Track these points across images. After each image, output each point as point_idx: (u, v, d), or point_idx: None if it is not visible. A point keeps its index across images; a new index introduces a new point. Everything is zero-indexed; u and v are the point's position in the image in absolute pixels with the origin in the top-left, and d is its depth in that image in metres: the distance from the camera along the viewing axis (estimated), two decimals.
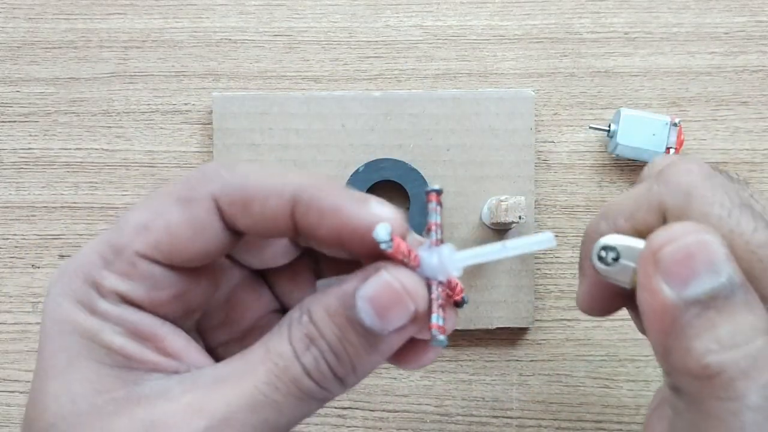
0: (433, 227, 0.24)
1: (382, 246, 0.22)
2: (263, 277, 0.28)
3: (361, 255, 0.24)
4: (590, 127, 0.44)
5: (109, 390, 0.23)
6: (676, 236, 0.22)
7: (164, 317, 0.24)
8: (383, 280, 0.22)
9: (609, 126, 0.43)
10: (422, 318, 0.23)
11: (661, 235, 0.22)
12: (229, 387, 0.22)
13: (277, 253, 0.26)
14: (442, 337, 0.22)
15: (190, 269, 0.24)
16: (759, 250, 0.23)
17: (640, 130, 0.43)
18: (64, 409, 0.22)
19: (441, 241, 0.24)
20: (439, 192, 0.24)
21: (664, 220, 0.25)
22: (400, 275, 0.22)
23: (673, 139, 0.43)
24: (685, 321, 0.22)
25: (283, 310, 0.28)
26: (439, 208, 0.24)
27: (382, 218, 0.22)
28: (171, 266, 0.24)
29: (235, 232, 0.24)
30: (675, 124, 0.43)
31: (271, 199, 0.23)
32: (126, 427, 0.22)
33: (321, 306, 0.23)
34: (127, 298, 0.23)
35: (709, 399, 0.21)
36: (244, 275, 0.27)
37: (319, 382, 0.23)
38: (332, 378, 0.23)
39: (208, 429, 0.22)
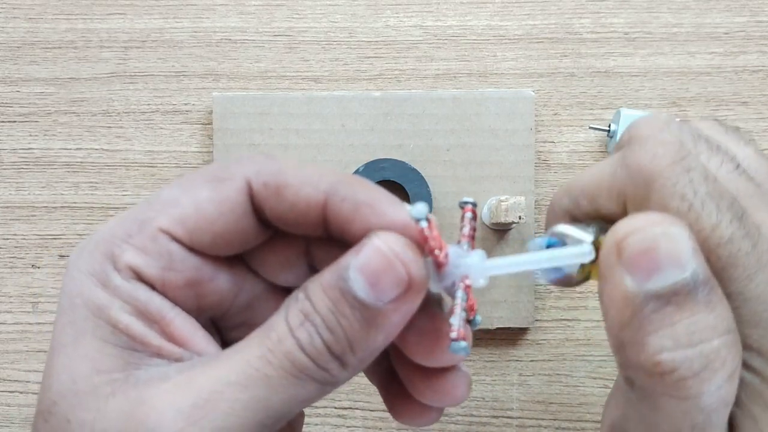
0: (464, 239, 0.23)
1: (421, 224, 0.21)
2: (288, 293, 0.27)
3: None
4: (590, 127, 0.44)
5: (109, 370, 0.22)
6: (641, 227, 0.21)
7: (173, 302, 0.23)
8: (373, 246, 0.21)
9: (609, 126, 0.43)
10: (418, 287, 0.22)
11: (625, 224, 0.21)
12: (221, 364, 0.22)
13: (295, 272, 0.26)
14: (464, 343, 0.21)
15: (211, 257, 0.24)
16: (718, 249, 0.21)
17: None
18: (64, 387, 0.22)
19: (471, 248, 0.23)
20: (474, 204, 0.23)
21: (625, 207, 0.23)
22: (391, 240, 0.21)
23: None
24: (643, 315, 0.21)
25: None
26: (473, 222, 0.23)
27: (416, 221, 0.22)
28: (193, 249, 0.23)
29: (263, 224, 0.23)
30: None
31: (306, 187, 0.22)
32: (117, 409, 0.21)
33: (317, 282, 0.22)
34: (142, 275, 0.23)
35: (660, 396, 0.21)
36: (266, 287, 0.26)
37: (314, 359, 0.22)
38: (328, 355, 0.22)
39: (194, 407, 0.21)
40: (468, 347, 0.21)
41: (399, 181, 0.43)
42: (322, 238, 0.24)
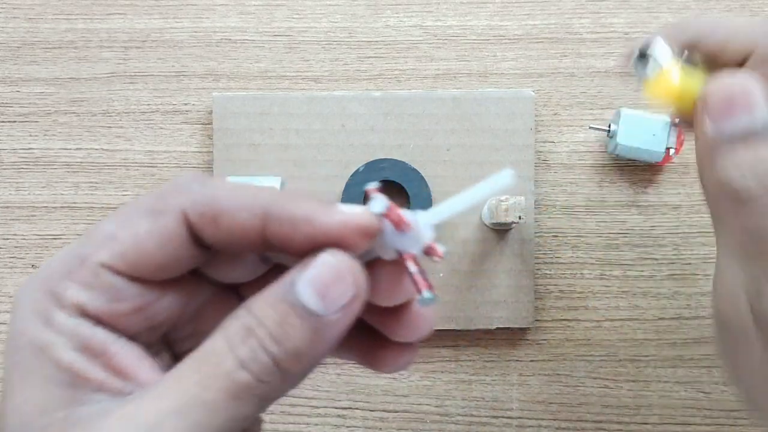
0: (392, 209, 0.23)
1: (376, 209, 0.23)
2: (236, 291, 0.27)
3: None
4: (590, 127, 0.44)
5: (53, 409, 0.22)
6: (725, 81, 0.26)
7: (125, 330, 0.24)
8: (323, 260, 0.22)
9: (609, 126, 0.43)
10: (362, 295, 0.23)
11: (716, 79, 0.27)
12: (160, 394, 0.22)
13: (247, 268, 0.26)
14: (429, 294, 0.22)
15: (156, 282, 0.24)
16: None
17: (641, 130, 0.43)
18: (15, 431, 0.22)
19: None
20: (377, 187, 0.24)
21: (743, 62, 0.28)
22: (339, 254, 0.22)
23: (673, 139, 0.43)
24: (717, 150, 0.26)
25: None
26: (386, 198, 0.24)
27: (353, 217, 0.23)
28: (135, 278, 0.23)
29: (203, 247, 0.24)
30: (675, 125, 0.43)
31: (242, 213, 0.23)
32: None
33: (260, 299, 0.23)
34: (87, 310, 0.23)
35: (721, 209, 0.27)
36: (214, 290, 0.26)
37: (256, 374, 0.22)
38: (272, 368, 0.22)
39: None
40: (435, 295, 0.23)
41: (399, 181, 0.43)
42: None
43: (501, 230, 0.43)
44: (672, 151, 0.43)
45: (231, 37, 0.45)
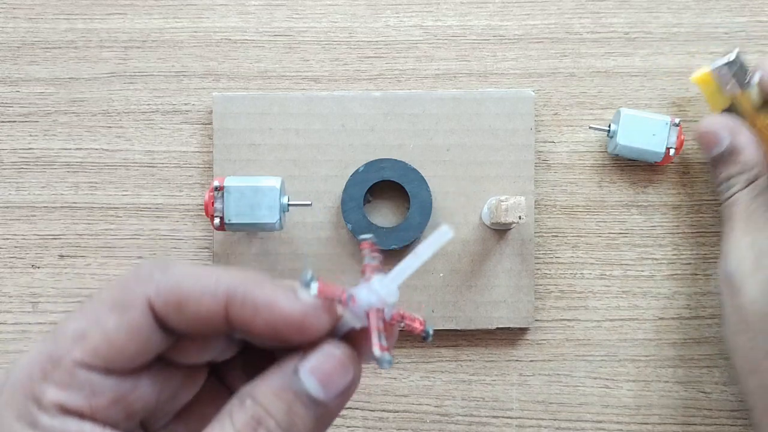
0: (367, 269, 0.25)
1: (307, 290, 0.24)
2: (210, 369, 0.28)
3: (297, 343, 0.25)
4: (590, 127, 0.44)
5: None
6: (701, 125, 0.42)
7: (105, 421, 0.24)
8: (324, 350, 0.24)
9: (609, 126, 0.43)
10: (358, 380, 0.25)
11: (699, 124, 0.42)
12: None
13: (217, 348, 0.27)
14: (388, 357, 0.24)
15: (129, 372, 0.24)
16: None
17: (641, 130, 0.43)
18: None
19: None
20: (371, 241, 0.25)
21: None
22: (338, 345, 0.24)
23: (674, 139, 0.43)
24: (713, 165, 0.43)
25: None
26: (373, 253, 0.25)
27: (313, 307, 0.24)
28: (110, 371, 0.24)
29: (169, 332, 0.24)
30: (675, 124, 0.43)
31: (205, 299, 0.24)
32: None
33: (264, 388, 0.24)
34: (68, 408, 0.24)
35: (724, 215, 0.42)
36: (186, 372, 0.27)
37: None
38: None
39: None
40: (391, 359, 0.24)
41: (399, 181, 0.43)
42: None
43: (501, 230, 0.43)
44: (672, 151, 0.43)
45: (231, 37, 0.45)
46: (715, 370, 0.44)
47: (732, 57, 0.41)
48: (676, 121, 0.43)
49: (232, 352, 0.27)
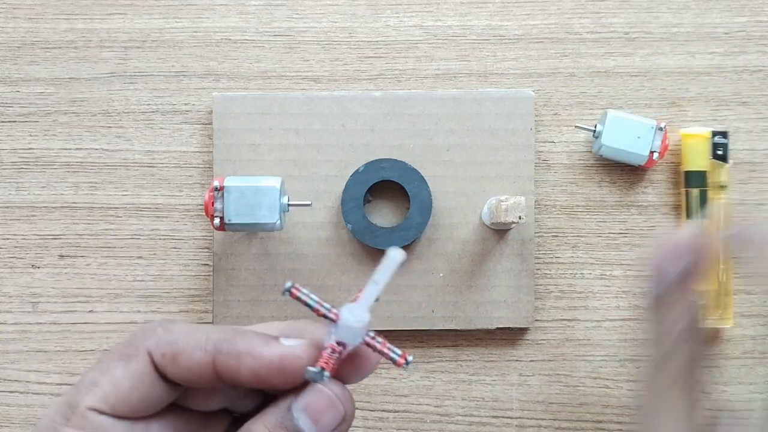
0: (319, 308, 0.27)
1: (316, 377, 0.26)
2: (239, 420, 0.30)
3: (280, 385, 0.27)
4: (576, 126, 0.44)
5: None
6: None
7: None
8: (315, 389, 0.26)
9: (595, 126, 0.43)
10: (351, 418, 0.27)
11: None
12: None
13: (231, 396, 0.29)
14: (408, 358, 0.27)
15: (140, 418, 0.27)
16: None
17: (626, 132, 0.42)
18: None
19: (336, 315, 0.26)
20: (291, 288, 0.27)
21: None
22: (329, 385, 0.26)
23: (658, 143, 0.42)
24: None
25: None
26: (309, 296, 0.27)
27: (290, 350, 0.26)
28: (119, 416, 0.27)
29: (172, 386, 0.27)
30: (661, 129, 0.43)
31: (196, 351, 0.27)
32: None
33: (260, 425, 0.27)
34: None
35: None
36: (205, 419, 0.29)
37: None
38: None
39: None
40: (411, 359, 0.27)
41: (399, 181, 0.43)
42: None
43: (501, 230, 0.43)
44: (656, 155, 0.43)
45: (231, 37, 0.45)
46: (715, 369, 0.44)
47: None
48: (662, 125, 0.43)
49: (253, 403, 0.29)
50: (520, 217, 0.40)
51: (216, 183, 0.39)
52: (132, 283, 0.44)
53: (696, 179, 0.43)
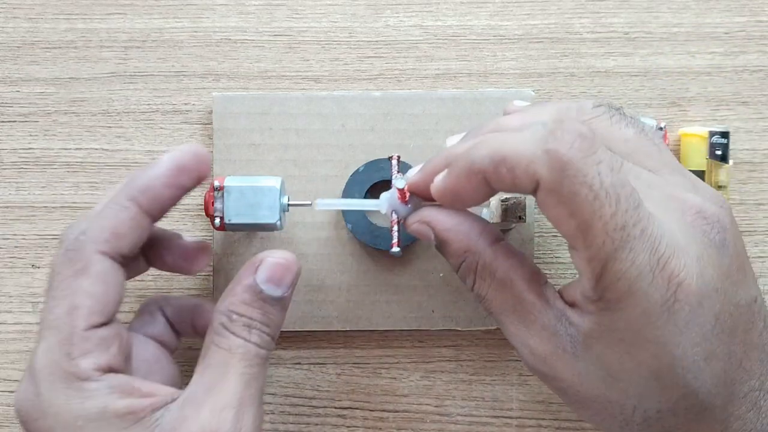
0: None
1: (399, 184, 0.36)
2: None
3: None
4: None
5: None
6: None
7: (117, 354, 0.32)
8: (270, 262, 0.34)
9: None
10: (299, 273, 0.35)
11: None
12: (223, 385, 0.32)
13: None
14: (397, 249, 0.36)
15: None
16: (613, 233, 0.27)
17: None
18: None
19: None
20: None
21: (538, 185, 0.29)
22: (278, 253, 0.34)
23: None
24: None
25: None
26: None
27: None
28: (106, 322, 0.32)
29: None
30: (661, 128, 0.43)
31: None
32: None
33: (238, 304, 0.33)
34: (102, 366, 0.31)
35: None
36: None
37: (266, 347, 0.33)
38: (270, 340, 0.34)
39: (238, 412, 0.31)
40: (399, 250, 0.36)
41: None
42: None
43: (501, 230, 0.43)
44: None
45: (231, 37, 0.45)
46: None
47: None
48: (662, 125, 0.43)
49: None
50: (520, 217, 0.40)
51: (216, 183, 0.39)
52: (131, 282, 0.44)
53: None
